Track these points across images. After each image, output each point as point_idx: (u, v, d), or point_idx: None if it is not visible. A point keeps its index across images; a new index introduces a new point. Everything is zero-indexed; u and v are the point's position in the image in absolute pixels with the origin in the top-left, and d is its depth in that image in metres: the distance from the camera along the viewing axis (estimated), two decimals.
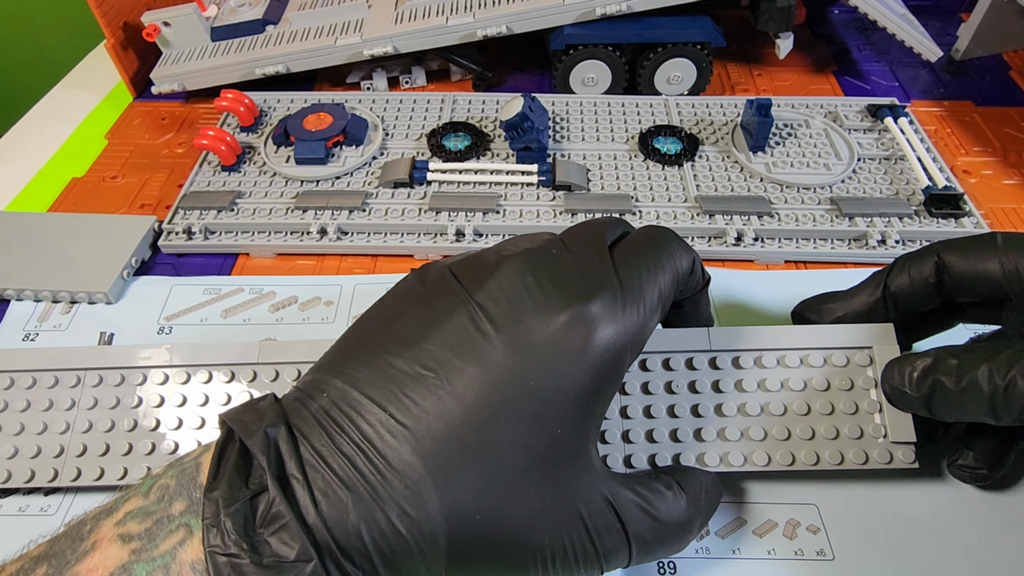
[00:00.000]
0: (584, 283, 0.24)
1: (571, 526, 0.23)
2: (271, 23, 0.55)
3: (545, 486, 0.22)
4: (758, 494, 0.30)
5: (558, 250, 0.25)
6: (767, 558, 0.29)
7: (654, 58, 0.51)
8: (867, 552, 0.28)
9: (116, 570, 0.20)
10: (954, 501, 0.30)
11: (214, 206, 0.43)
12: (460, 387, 0.22)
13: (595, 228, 0.26)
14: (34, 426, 0.30)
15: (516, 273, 0.24)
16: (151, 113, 0.55)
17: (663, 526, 0.25)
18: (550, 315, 0.23)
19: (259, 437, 0.21)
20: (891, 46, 0.59)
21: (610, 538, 0.23)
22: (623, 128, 0.49)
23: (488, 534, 0.22)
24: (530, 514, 0.22)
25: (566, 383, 0.22)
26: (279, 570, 0.19)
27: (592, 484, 0.23)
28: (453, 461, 0.21)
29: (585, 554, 0.23)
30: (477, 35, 0.50)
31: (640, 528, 0.24)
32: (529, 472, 0.22)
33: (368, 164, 0.47)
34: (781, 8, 0.51)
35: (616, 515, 0.23)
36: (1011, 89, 0.55)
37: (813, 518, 0.30)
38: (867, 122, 0.49)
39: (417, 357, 0.22)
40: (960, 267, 0.28)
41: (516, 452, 0.22)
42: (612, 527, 0.23)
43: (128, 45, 0.55)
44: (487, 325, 0.23)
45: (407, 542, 0.21)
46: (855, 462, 0.28)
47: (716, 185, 0.44)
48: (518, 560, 0.22)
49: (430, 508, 0.21)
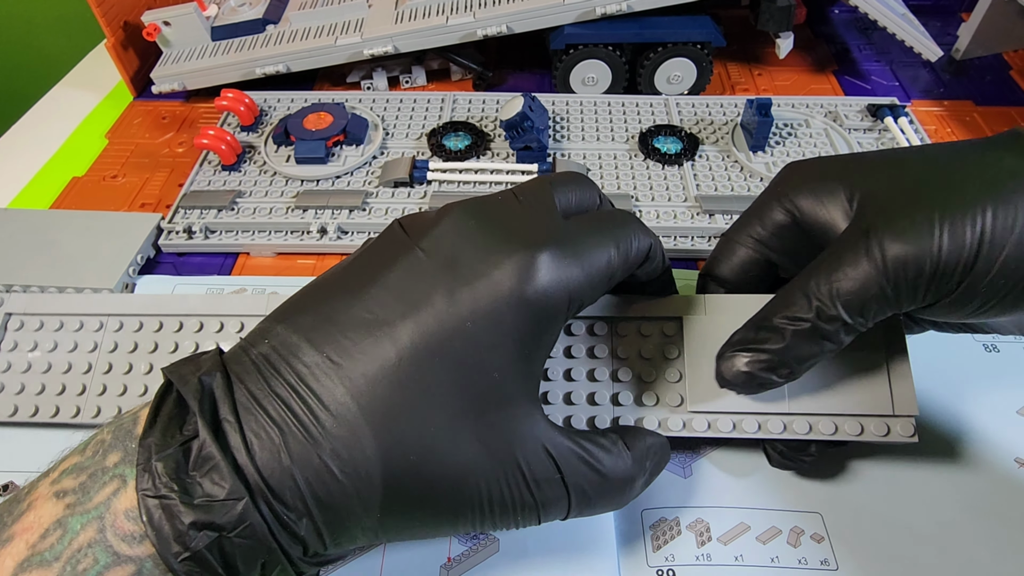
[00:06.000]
0: (527, 232, 0.24)
1: (509, 473, 0.23)
2: (271, 23, 0.55)
3: (483, 430, 0.22)
4: (762, 499, 0.30)
5: (506, 200, 0.25)
6: (770, 566, 0.28)
7: (654, 58, 0.51)
8: (872, 564, 0.28)
9: (50, 525, 0.20)
10: (961, 514, 0.30)
11: (214, 205, 0.43)
12: (398, 329, 0.22)
13: (543, 183, 0.26)
14: (60, 366, 0.32)
15: (460, 219, 0.24)
16: (151, 112, 0.55)
17: (605, 480, 0.25)
18: (489, 258, 0.23)
19: (193, 384, 0.21)
20: (891, 46, 0.59)
21: (549, 488, 0.23)
22: (623, 128, 0.49)
23: (424, 476, 0.22)
24: (467, 458, 0.22)
25: (503, 327, 0.22)
26: (209, 509, 0.20)
27: (532, 432, 0.23)
28: (388, 402, 0.21)
29: (523, 502, 0.23)
30: (477, 35, 0.50)
31: (580, 480, 0.24)
32: (465, 414, 0.22)
33: (368, 164, 0.47)
34: (781, 8, 0.50)
35: (556, 465, 0.23)
36: (1011, 89, 0.55)
37: (818, 526, 0.29)
38: (867, 122, 0.48)
39: (362, 303, 0.23)
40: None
41: (452, 394, 0.22)
42: (551, 477, 0.23)
43: (128, 44, 0.55)
44: (428, 267, 0.23)
45: (342, 484, 0.21)
46: (850, 433, 0.28)
47: (716, 185, 0.44)
48: (454, 504, 0.22)
49: (365, 449, 0.21)
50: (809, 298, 0.25)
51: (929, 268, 0.24)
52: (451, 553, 0.29)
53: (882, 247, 0.24)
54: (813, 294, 0.25)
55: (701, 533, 0.29)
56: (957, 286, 0.24)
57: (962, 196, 0.24)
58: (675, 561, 0.28)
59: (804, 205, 0.28)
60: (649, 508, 0.30)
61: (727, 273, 0.31)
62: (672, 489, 0.31)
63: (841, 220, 0.27)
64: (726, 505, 0.30)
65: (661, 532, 0.29)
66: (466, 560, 0.29)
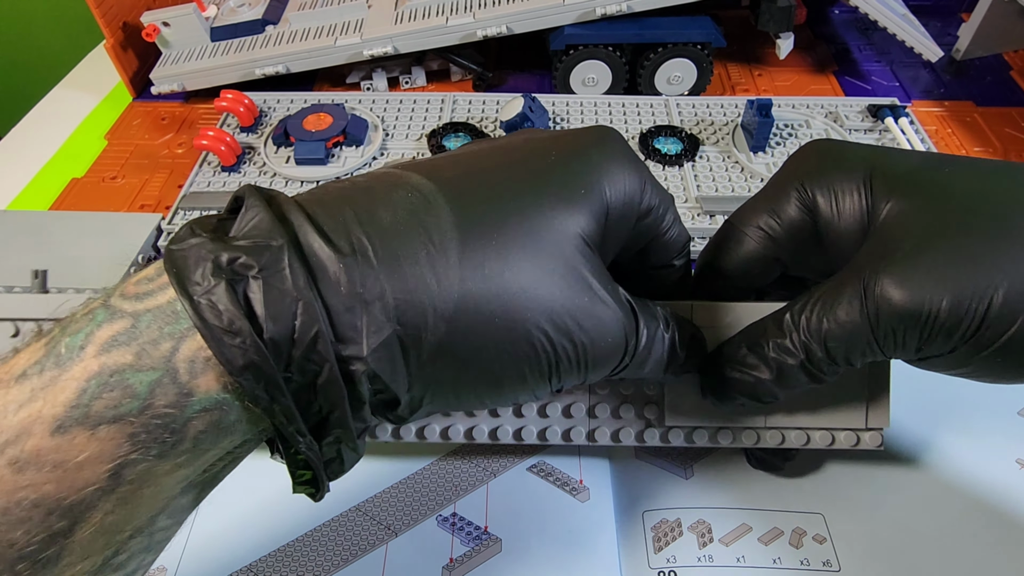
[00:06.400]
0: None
1: (575, 288, 0.21)
2: (271, 23, 0.55)
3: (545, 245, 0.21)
4: (764, 500, 0.30)
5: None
6: (772, 567, 0.28)
7: (654, 58, 0.51)
8: (874, 564, 0.28)
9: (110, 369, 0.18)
10: (962, 515, 0.30)
11: (214, 207, 0.43)
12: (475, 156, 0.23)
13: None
14: None
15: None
16: (151, 113, 0.55)
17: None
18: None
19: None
20: (892, 46, 0.59)
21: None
22: (623, 128, 0.49)
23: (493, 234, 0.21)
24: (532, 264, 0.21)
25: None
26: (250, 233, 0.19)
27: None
28: (463, 184, 0.22)
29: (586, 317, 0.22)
30: (477, 35, 0.50)
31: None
32: (532, 218, 0.21)
33: (368, 164, 0.47)
34: (782, 8, 0.50)
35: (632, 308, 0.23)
36: (1012, 89, 0.55)
37: (820, 527, 0.29)
38: (868, 122, 0.48)
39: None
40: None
41: (520, 197, 0.22)
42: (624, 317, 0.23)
43: (128, 45, 0.55)
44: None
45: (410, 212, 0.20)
46: (821, 444, 0.28)
47: (717, 185, 0.44)
48: (521, 323, 0.21)
49: (438, 208, 0.21)
50: (799, 334, 0.24)
51: (924, 330, 0.22)
52: (453, 554, 0.29)
53: (879, 295, 0.22)
54: (803, 331, 0.24)
55: (703, 534, 0.29)
56: (950, 351, 0.22)
57: (986, 257, 0.21)
58: (677, 562, 0.28)
59: (821, 203, 0.26)
60: (650, 509, 0.30)
61: (729, 266, 0.28)
62: (673, 490, 0.31)
63: (856, 231, 0.25)
64: (728, 506, 0.30)
65: (662, 533, 0.29)
66: (468, 561, 0.29)
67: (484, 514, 0.30)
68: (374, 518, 0.30)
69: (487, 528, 0.30)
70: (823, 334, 0.23)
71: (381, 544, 0.29)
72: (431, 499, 0.31)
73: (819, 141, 0.27)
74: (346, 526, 0.30)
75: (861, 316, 0.22)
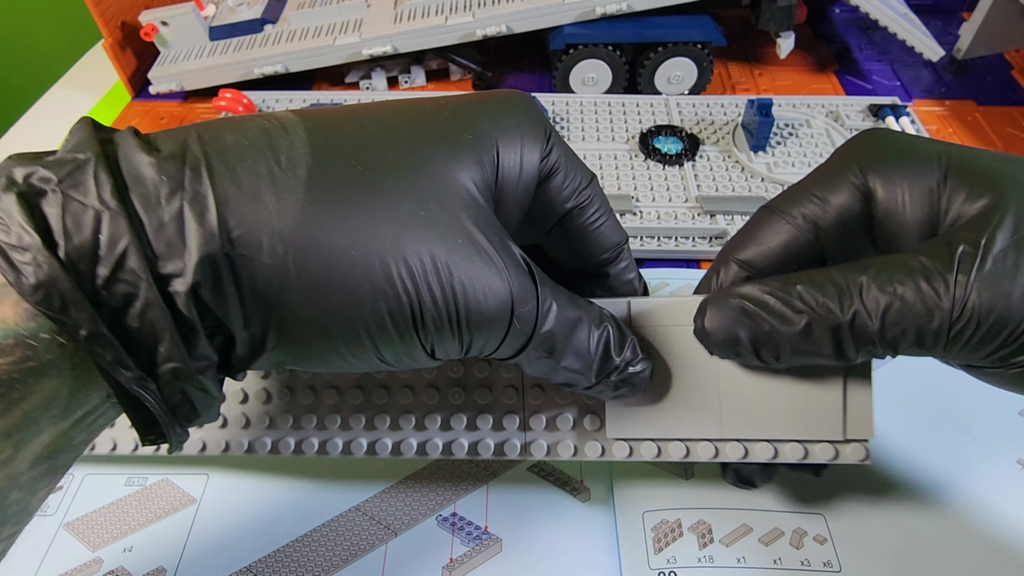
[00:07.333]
0: None
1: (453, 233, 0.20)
2: (269, 22, 0.55)
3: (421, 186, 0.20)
4: (764, 501, 0.30)
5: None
6: (773, 568, 0.28)
7: (654, 57, 0.51)
8: (874, 565, 0.28)
9: None
10: (963, 516, 0.30)
11: None
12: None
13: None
14: None
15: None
16: (149, 113, 0.54)
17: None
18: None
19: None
20: (892, 45, 0.59)
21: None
22: (623, 128, 0.49)
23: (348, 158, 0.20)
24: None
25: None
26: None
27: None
28: (332, 118, 0.20)
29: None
30: (477, 34, 0.50)
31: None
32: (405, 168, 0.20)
33: None
34: (782, 7, 0.50)
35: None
36: (1013, 89, 0.55)
37: (820, 528, 0.29)
38: (869, 122, 0.48)
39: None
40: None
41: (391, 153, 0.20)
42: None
43: (126, 45, 0.55)
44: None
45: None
46: (792, 457, 0.25)
47: (717, 185, 0.44)
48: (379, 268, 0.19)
49: (294, 134, 0.19)
50: (851, 298, 0.21)
51: (1009, 337, 0.20)
52: (453, 554, 0.29)
53: (973, 285, 0.20)
54: (857, 294, 0.21)
55: (703, 535, 0.29)
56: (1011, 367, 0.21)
57: None
58: (677, 563, 0.28)
59: (882, 191, 0.23)
60: (650, 510, 0.30)
61: (760, 255, 0.25)
62: (674, 490, 0.31)
63: (922, 223, 0.23)
64: (728, 507, 0.30)
65: (663, 534, 0.29)
66: (468, 561, 0.29)
67: (484, 514, 0.30)
68: (374, 518, 0.30)
69: (487, 528, 0.30)
70: (882, 305, 0.21)
71: (381, 544, 0.29)
72: (431, 499, 0.31)
73: (878, 130, 0.25)
74: (346, 526, 0.30)
75: (945, 300, 0.20)
